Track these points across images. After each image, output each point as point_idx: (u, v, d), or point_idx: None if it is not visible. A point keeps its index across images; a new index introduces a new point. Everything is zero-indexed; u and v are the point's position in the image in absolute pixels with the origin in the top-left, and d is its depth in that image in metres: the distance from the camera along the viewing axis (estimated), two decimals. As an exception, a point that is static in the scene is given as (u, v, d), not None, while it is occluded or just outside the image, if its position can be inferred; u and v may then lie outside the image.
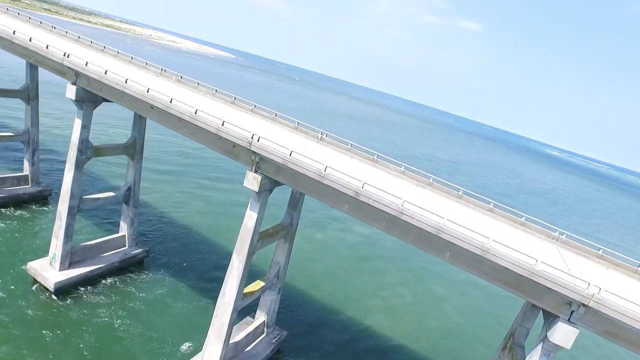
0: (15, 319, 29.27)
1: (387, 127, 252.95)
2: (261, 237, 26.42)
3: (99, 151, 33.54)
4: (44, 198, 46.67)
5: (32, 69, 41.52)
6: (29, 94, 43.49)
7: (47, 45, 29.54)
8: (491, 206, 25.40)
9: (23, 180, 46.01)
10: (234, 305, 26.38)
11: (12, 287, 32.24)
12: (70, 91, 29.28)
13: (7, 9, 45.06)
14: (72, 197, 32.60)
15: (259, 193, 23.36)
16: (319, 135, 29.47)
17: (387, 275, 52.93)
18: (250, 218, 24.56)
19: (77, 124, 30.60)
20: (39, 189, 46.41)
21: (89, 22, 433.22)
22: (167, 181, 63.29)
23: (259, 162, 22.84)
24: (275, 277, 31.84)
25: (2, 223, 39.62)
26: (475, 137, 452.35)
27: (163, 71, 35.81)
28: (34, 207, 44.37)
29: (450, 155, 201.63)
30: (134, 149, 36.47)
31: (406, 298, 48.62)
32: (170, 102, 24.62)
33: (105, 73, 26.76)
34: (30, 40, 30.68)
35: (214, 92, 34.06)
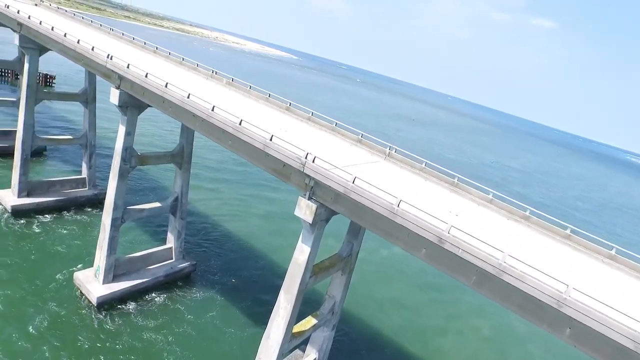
0: (56, 335, 27.43)
1: (450, 131, 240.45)
2: (314, 273, 22.17)
3: (144, 160, 31.15)
4: (100, 202, 45.85)
5: (90, 72, 40.54)
6: (87, 98, 42.83)
7: (93, 47, 27.38)
8: (613, 252, 19.20)
9: (81, 183, 45.64)
10: (279, 349, 22.40)
11: (59, 297, 30.76)
12: (114, 96, 26.91)
13: (101, 25, 44.21)
14: (115, 208, 30.44)
15: (312, 224, 19.07)
16: (387, 151, 24.66)
17: (460, 302, 46.44)
18: (301, 252, 20.37)
19: (121, 130, 28.21)
20: (95, 192, 45.75)
21: (162, 26, 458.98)
22: (220, 188, 60.82)
23: (314, 187, 18.54)
24: (330, 313, 27.47)
25: (64, 229, 38.93)
26: (547, 143, 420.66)
27: (214, 73, 32.77)
28: (94, 211, 43.49)
29: (522, 163, 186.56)
30: (181, 157, 33.84)
31: (483, 332, 42.11)
32: (212, 110, 21.04)
33: (146, 76, 23.87)
34: (78, 42, 28.78)
35: (267, 96, 30.38)
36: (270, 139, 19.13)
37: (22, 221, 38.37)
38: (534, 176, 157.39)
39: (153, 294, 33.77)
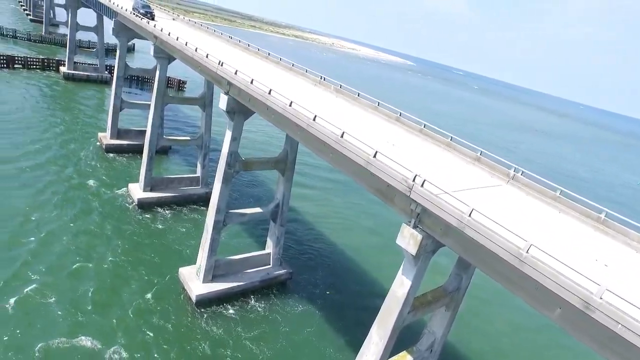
0: (156, 326, 28.83)
1: (583, 144, 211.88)
2: (414, 308, 19.36)
3: (248, 165, 31.32)
4: (209, 200, 48.42)
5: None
6: (205, 102, 45.33)
7: (207, 55, 28.20)
8: None
9: (195, 181, 48.55)
10: (367, 388, 20.01)
11: (164, 288, 32.56)
12: (223, 101, 27.36)
13: (222, 34, 47.58)
14: (218, 211, 31.10)
15: (416, 256, 16.39)
16: (511, 174, 20.73)
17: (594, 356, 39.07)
18: (401, 285, 17.79)
19: (227, 136, 28.60)
20: (207, 190, 48.15)
21: (283, 34, 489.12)
22: (330, 192, 59.46)
23: (421, 214, 15.85)
24: (428, 350, 24.24)
25: (178, 224, 41.66)
26: None
27: (322, 79, 31.68)
28: (205, 209, 45.73)
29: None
30: (285, 163, 33.42)
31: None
32: (314, 119, 19.57)
33: (252, 82, 23.49)
34: (195, 50, 30.00)
35: (376, 105, 28.22)
36: (374, 156, 16.94)
37: (146, 214, 41.90)
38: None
39: (252, 301, 33.55)
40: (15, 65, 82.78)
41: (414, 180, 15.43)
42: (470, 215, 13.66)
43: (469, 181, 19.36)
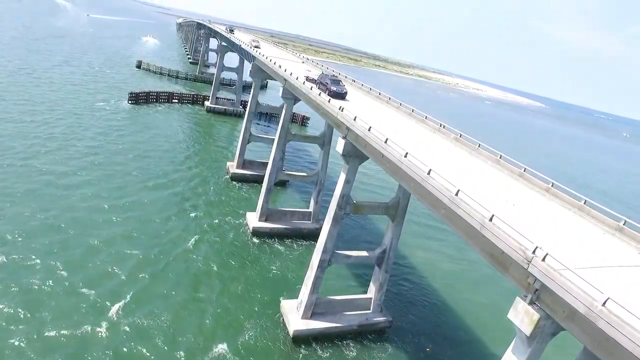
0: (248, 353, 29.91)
1: None
2: (526, 395, 16.96)
3: (358, 208, 31.57)
4: (319, 235, 49.63)
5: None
6: (324, 140, 47.46)
7: (329, 100, 29.74)
8: None
9: (307, 216, 50.37)
10: None
11: (264, 317, 33.69)
12: (340, 145, 28.37)
13: (346, 77, 50.87)
14: (325, 250, 31.70)
15: (531, 337, 14.52)
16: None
17: None
18: (510, 365, 15.82)
19: (341, 178, 29.37)
20: (317, 226, 49.35)
21: (407, 73, 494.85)
22: (444, 243, 56.10)
23: (540, 291, 14.07)
24: None
25: (287, 256, 43.25)
26: None
27: (441, 127, 30.93)
28: (313, 244, 46.80)
29: None
30: (396, 210, 32.89)
31: None
32: (428, 174, 19.01)
33: (369, 129, 23.96)
34: (319, 95, 31.94)
35: (498, 158, 26.45)
36: (490, 219, 15.71)
37: (258, 243, 44.65)
38: None
39: (344, 343, 33.01)
40: (173, 100, 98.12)
41: (533, 252, 13.86)
42: (604, 304, 11.68)
43: (604, 256, 16.72)
